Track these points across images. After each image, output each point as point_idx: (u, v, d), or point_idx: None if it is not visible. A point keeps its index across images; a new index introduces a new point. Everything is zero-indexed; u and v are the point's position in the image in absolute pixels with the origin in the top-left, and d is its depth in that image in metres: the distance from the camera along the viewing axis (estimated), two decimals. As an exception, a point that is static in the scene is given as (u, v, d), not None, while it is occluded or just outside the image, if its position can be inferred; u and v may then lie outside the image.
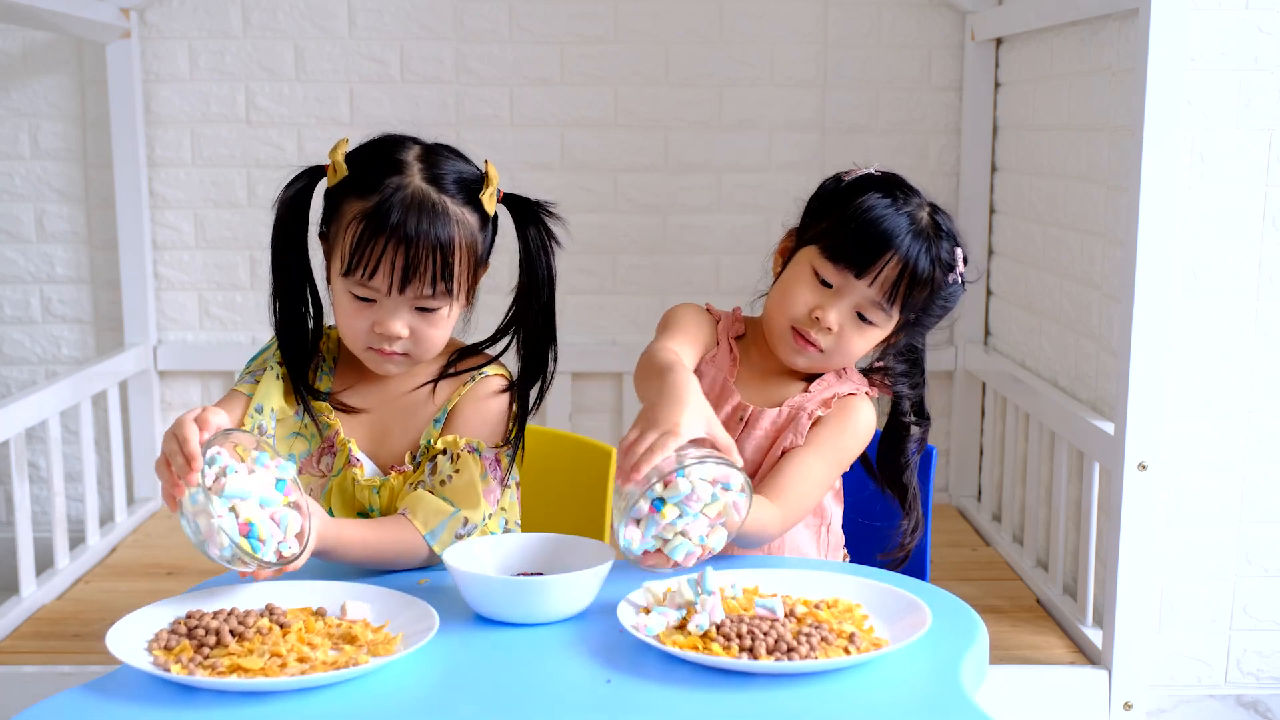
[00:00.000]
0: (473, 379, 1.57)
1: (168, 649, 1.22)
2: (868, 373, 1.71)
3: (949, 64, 3.32)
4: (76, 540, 3.12)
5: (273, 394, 1.55)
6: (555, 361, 1.59)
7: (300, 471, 1.57)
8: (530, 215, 1.56)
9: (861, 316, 1.59)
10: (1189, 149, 2.35)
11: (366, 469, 1.56)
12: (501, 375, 1.59)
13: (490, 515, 1.53)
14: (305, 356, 1.58)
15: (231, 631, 1.24)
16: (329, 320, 1.60)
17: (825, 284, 1.59)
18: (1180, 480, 2.43)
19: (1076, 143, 2.70)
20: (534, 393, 1.59)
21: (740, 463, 1.35)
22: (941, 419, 3.42)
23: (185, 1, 3.24)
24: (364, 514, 1.57)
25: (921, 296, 1.59)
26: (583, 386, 3.41)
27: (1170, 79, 2.19)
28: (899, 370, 1.71)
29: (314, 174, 1.54)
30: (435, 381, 1.57)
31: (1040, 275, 2.93)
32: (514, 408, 1.58)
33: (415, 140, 1.52)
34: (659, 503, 1.33)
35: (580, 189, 3.34)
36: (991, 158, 3.28)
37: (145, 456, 3.34)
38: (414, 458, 1.55)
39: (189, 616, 1.27)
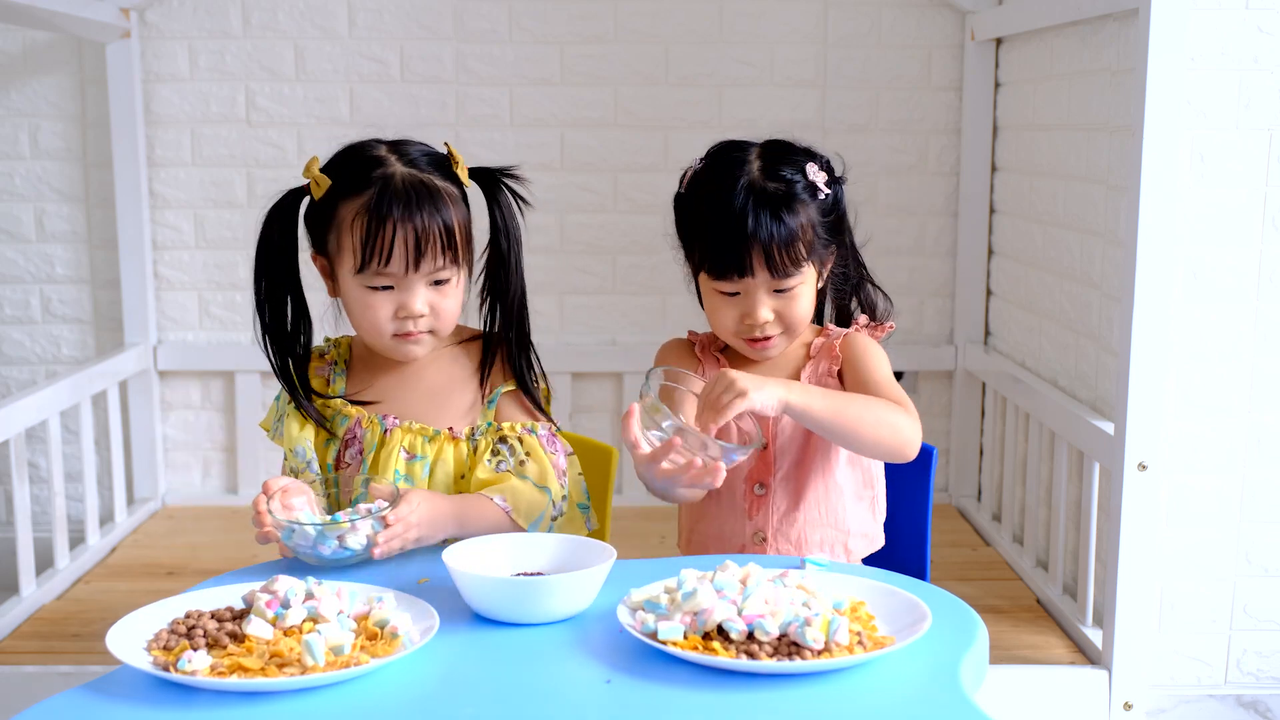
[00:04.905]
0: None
1: (167, 649, 1.22)
2: (839, 325, 1.77)
3: (949, 64, 3.31)
4: (76, 540, 3.12)
5: (294, 429, 1.63)
6: (527, 321, 1.67)
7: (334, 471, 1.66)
8: (497, 182, 1.65)
9: (780, 291, 1.64)
10: (1189, 149, 2.35)
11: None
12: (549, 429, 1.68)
13: (565, 495, 1.62)
14: (295, 356, 1.64)
15: (230, 633, 1.24)
16: (317, 331, 1.67)
17: (733, 294, 1.65)
18: (1180, 480, 2.43)
19: (1076, 143, 2.70)
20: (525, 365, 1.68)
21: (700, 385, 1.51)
22: (941, 419, 3.41)
23: (185, 1, 3.24)
24: (411, 457, 1.61)
25: (809, 236, 1.62)
26: (583, 386, 3.41)
27: (1170, 79, 2.19)
28: (849, 289, 1.77)
29: (296, 195, 1.61)
30: (482, 378, 1.66)
31: (1040, 275, 2.93)
32: (546, 402, 1.69)
33: (377, 140, 1.62)
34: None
35: (580, 189, 3.34)
36: (991, 158, 3.28)
37: (145, 456, 3.34)
38: (471, 435, 1.62)
39: (188, 616, 1.27)
